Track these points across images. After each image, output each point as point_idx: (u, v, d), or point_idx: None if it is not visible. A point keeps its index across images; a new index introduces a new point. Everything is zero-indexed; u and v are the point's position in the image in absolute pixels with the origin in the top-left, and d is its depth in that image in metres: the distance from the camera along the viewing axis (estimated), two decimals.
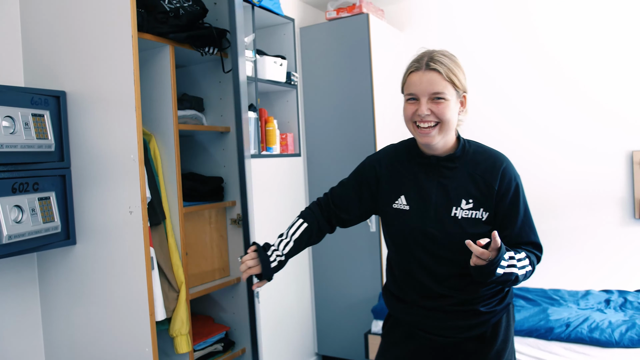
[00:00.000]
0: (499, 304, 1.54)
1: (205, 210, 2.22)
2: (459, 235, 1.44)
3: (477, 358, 1.56)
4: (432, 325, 1.56)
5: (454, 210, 1.46)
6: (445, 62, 1.43)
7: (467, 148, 1.51)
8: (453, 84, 1.42)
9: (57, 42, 1.93)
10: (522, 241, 1.48)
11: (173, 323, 1.94)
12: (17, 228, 1.72)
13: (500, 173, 1.46)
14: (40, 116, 1.84)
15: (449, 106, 1.42)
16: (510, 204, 1.46)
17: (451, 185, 1.47)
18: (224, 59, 2.25)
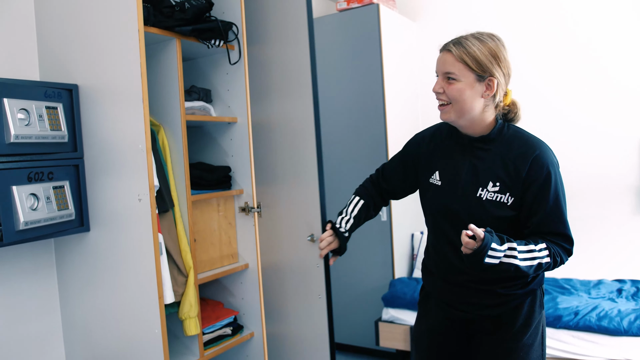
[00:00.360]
0: (520, 288, 1.55)
1: (214, 198, 2.28)
2: (480, 215, 1.49)
3: (493, 339, 1.60)
4: (453, 299, 1.64)
5: (480, 190, 1.50)
6: (466, 44, 1.47)
7: (504, 132, 1.53)
8: (467, 65, 1.46)
9: (69, 37, 2.01)
10: (548, 231, 1.48)
11: (182, 306, 2.02)
12: (33, 215, 1.81)
13: (531, 160, 1.46)
14: (54, 108, 1.92)
15: (460, 87, 1.47)
16: (538, 192, 1.45)
17: (482, 166, 1.51)
18: (231, 51, 2.31)
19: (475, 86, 1.47)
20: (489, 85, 1.48)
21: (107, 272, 2.00)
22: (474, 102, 1.49)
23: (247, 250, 2.40)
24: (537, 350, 1.59)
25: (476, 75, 1.47)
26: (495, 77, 1.47)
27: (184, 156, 2.07)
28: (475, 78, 1.47)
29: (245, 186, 2.37)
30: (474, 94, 1.47)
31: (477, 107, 1.49)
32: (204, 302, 2.41)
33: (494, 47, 1.48)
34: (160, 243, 1.89)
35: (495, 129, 1.53)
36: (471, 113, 1.50)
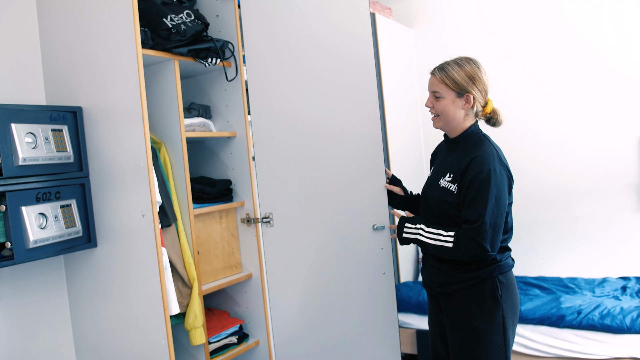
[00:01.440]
0: (463, 272, 1.79)
1: (216, 211, 2.36)
2: (436, 199, 1.84)
3: (453, 317, 1.83)
4: (425, 278, 1.96)
5: (441, 179, 1.84)
6: (447, 69, 1.81)
7: (470, 138, 1.83)
8: (448, 86, 1.80)
9: (72, 62, 2.10)
10: (465, 218, 1.73)
11: (187, 317, 2.09)
12: (42, 233, 1.89)
13: (470, 160, 1.75)
14: (59, 131, 2.01)
15: (444, 103, 1.82)
16: (468, 187, 1.73)
17: (448, 161, 1.87)
18: (228, 68, 2.39)
19: (456, 101, 1.81)
20: (467, 100, 1.80)
21: (114, 286, 2.08)
22: (456, 113, 1.83)
23: (250, 260, 2.47)
24: (494, 339, 1.75)
25: (456, 92, 1.80)
26: (472, 94, 1.80)
27: (185, 172, 2.15)
28: (456, 95, 1.81)
29: (246, 198, 2.44)
30: (455, 107, 1.82)
31: (458, 116, 1.83)
32: (210, 311, 2.48)
33: (470, 70, 1.80)
34: (164, 257, 1.96)
35: (464, 132, 1.84)
36: (454, 122, 1.84)
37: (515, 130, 3.73)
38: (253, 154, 2.39)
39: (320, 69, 2.13)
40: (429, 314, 2.02)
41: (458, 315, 1.81)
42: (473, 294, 1.78)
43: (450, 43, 3.97)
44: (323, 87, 2.12)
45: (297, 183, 2.20)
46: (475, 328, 1.76)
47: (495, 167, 1.73)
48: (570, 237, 3.62)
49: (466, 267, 1.78)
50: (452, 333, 1.84)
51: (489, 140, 1.84)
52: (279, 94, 2.22)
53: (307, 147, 2.18)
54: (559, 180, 3.62)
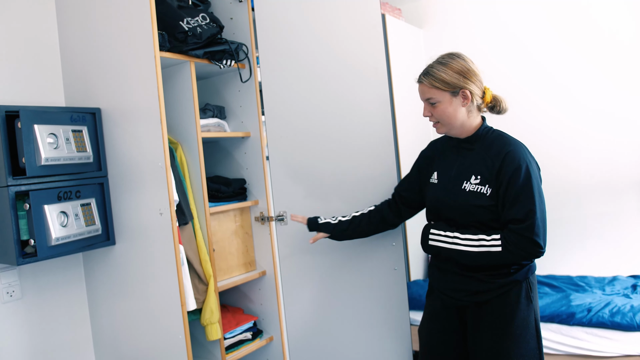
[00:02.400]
0: (500, 277, 1.69)
1: (230, 209, 2.41)
2: (464, 204, 1.71)
3: (484, 326, 1.72)
4: (444, 287, 1.83)
5: (465, 183, 1.72)
6: (432, 72, 1.72)
7: (487, 134, 1.76)
8: (439, 88, 1.71)
9: (91, 65, 2.15)
10: (512, 218, 1.63)
11: (204, 313, 2.14)
12: (63, 231, 1.95)
13: (504, 156, 1.66)
14: (79, 131, 2.07)
15: (442, 108, 1.73)
16: (508, 183, 1.63)
17: (467, 162, 1.75)
18: (242, 69, 2.44)
19: (453, 101, 1.72)
20: (464, 96, 1.71)
21: (132, 283, 2.13)
22: (457, 114, 1.73)
23: (264, 258, 2.52)
24: (529, 342, 1.69)
25: (450, 92, 1.71)
26: (467, 88, 1.70)
27: (201, 171, 2.20)
28: (451, 95, 1.71)
29: (260, 197, 2.49)
30: (455, 107, 1.72)
31: (461, 116, 1.73)
32: (225, 308, 2.53)
33: (456, 65, 1.71)
34: (181, 254, 2.01)
35: (478, 131, 1.76)
36: (458, 122, 1.74)
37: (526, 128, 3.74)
38: (267, 154, 2.43)
39: (332, 70, 2.17)
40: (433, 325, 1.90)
41: (493, 325, 1.70)
42: (508, 299, 1.69)
43: (460, 43, 3.99)
44: (335, 87, 2.16)
45: (310, 182, 2.24)
46: (512, 335, 1.67)
47: (529, 159, 1.67)
48: (580, 236, 3.63)
49: (503, 271, 1.69)
50: (484, 344, 1.72)
51: (508, 134, 1.77)
52: (292, 94, 2.27)
53: (320, 147, 2.22)
54: (569, 178, 3.63)
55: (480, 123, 1.78)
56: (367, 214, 2.02)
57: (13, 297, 2.10)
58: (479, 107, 1.76)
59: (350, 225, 2.02)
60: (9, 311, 2.09)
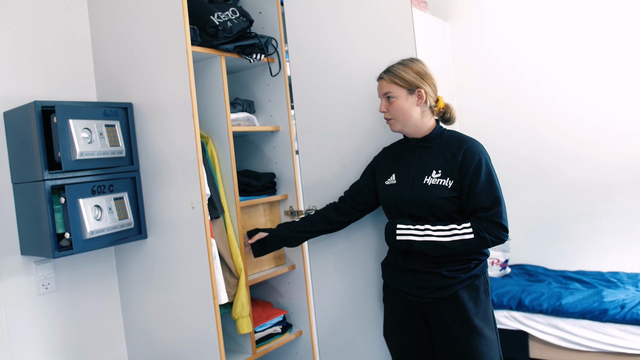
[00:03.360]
0: (463, 272, 1.80)
1: (260, 203, 2.41)
2: (427, 197, 1.80)
3: (448, 322, 1.81)
4: (406, 285, 1.89)
5: (426, 178, 1.82)
6: (393, 70, 1.85)
7: (443, 133, 1.88)
8: (398, 84, 1.83)
9: (123, 60, 2.17)
10: (481, 206, 1.74)
11: (235, 306, 2.15)
12: (97, 225, 1.97)
13: (464, 150, 1.78)
14: (112, 126, 2.09)
15: (398, 103, 1.84)
16: (473, 175, 1.74)
17: (427, 160, 1.85)
18: (271, 63, 2.43)
19: (409, 98, 1.83)
20: (419, 95, 1.83)
21: (164, 276, 2.15)
22: (411, 111, 1.84)
23: (294, 252, 2.52)
24: (490, 335, 1.80)
25: (407, 89, 1.83)
26: (422, 88, 1.83)
27: (231, 165, 2.21)
28: (407, 92, 1.83)
29: (290, 191, 2.49)
30: (410, 105, 1.84)
31: (415, 114, 1.84)
32: (254, 302, 2.54)
33: (415, 67, 1.85)
34: (213, 248, 2.02)
35: (435, 130, 1.87)
36: (412, 120, 1.85)
37: (555, 122, 3.69)
38: (296, 148, 2.43)
39: (361, 65, 2.15)
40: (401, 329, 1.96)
41: (457, 318, 1.79)
42: (470, 293, 1.81)
43: (486, 36, 3.94)
44: (364, 82, 2.14)
45: (340, 176, 2.23)
46: (476, 327, 1.78)
47: (486, 153, 1.81)
48: (611, 231, 3.56)
49: (465, 266, 1.80)
50: (450, 339, 1.81)
51: (458, 132, 1.90)
52: (321, 88, 2.25)
53: (349, 141, 2.21)
54: (600, 172, 3.57)
55: (435, 124, 1.89)
56: (309, 216, 2.13)
57: (49, 289, 2.14)
58: (432, 110, 1.88)
59: (289, 225, 2.14)
60: (45, 303, 2.13)
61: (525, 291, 3.22)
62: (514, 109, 3.87)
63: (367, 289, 2.23)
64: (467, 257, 1.81)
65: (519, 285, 3.37)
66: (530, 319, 3.09)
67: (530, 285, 3.39)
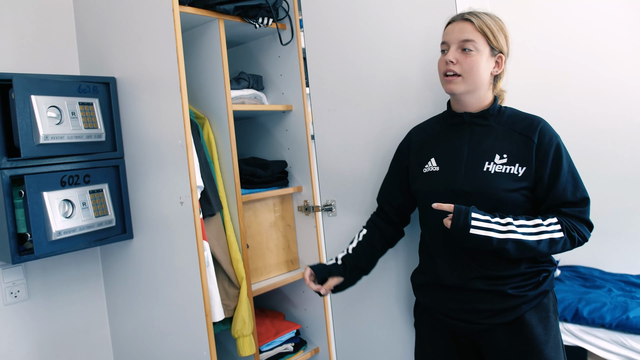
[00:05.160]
0: (532, 289, 1.39)
1: (269, 197, 2.03)
2: (491, 189, 1.37)
3: (509, 352, 1.39)
4: (453, 307, 1.45)
5: (487, 164, 1.39)
6: (482, 17, 1.41)
7: (501, 109, 1.47)
8: (486, 37, 1.40)
9: (106, 27, 1.83)
10: (566, 200, 1.36)
11: (234, 323, 1.78)
12: (67, 223, 1.63)
13: (539, 129, 1.40)
14: (89, 104, 1.74)
15: (477, 59, 1.40)
16: (553, 161, 1.37)
17: (484, 140, 1.43)
18: (282, 30, 2.04)
19: (489, 60, 1.42)
20: (498, 63, 1.44)
21: (152, 283, 1.80)
22: (485, 75, 1.42)
23: (309, 255, 2.13)
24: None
25: (491, 48, 1.42)
26: (505, 55, 1.44)
27: (232, 151, 1.83)
28: (490, 52, 1.42)
29: (305, 183, 2.10)
30: (486, 67, 1.42)
31: (486, 80, 1.43)
32: (263, 313, 2.17)
33: (502, 25, 1.44)
34: (205, 252, 1.65)
35: (494, 105, 1.46)
36: (481, 87, 1.43)
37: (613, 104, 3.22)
38: (312, 132, 2.03)
39: (392, 25, 1.73)
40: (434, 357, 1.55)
41: (524, 349, 1.37)
42: (539, 315, 1.40)
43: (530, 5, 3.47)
44: (395, 46, 1.73)
45: (365, 165, 1.83)
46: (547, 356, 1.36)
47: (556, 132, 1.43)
48: None
49: (534, 280, 1.39)
50: None
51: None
52: (341, 61, 1.84)
53: (376, 124, 1.80)
54: None
55: (493, 99, 1.48)
56: (368, 239, 1.64)
57: (18, 297, 1.82)
58: (495, 86, 1.48)
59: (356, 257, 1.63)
60: (14, 314, 1.82)
61: (582, 300, 2.77)
62: (563, 88, 3.40)
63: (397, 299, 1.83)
64: (535, 269, 1.39)
65: (574, 293, 2.91)
66: (590, 333, 2.64)
67: (588, 292, 2.93)
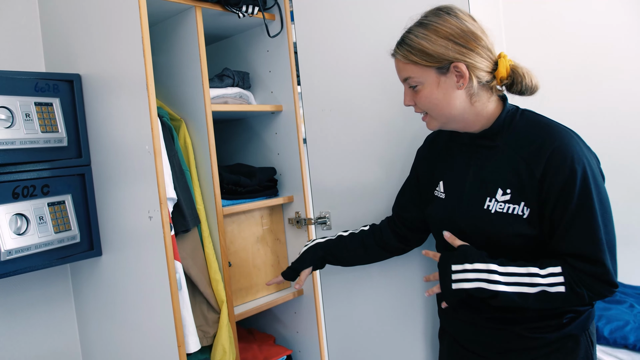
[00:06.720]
0: (552, 331, 1.16)
1: (255, 209, 1.82)
2: (492, 234, 1.15)
3: None
4: (465, 336, 1.29)
5: (488, 201, 1.16)
6: (409, 39, 1.16)
7: (514, 121, 1.17)
8: (418, 64, 1.14)
9: (71, 18, 1.62)
10: (568, 251, 1.08)
11: (214, 352, 1.57)
12: (19, 241, 1.43)
13: (548, 156, 1.09)
14: (48, 105, 1.53)
15: (427, 91, 1.16)
16: (558, 198, 1.07)
17: (488, 169, 1.19)
18: (270, 21, 1.83)
19: (442, 81, 1.15)
20: (458, 73, 1.13)
21: (122, 306, 1.60)
22: (451, 100, 1.15)
23: None
24: None
25: (436, 69, 1.14)
26: (461, 60, 1.12)
27: (210, 157, 1.62)
28: (437, 72, 1.14)
29: (296, 192, 1.89)
30: (445, 92, 1.15)
31: (457, 103, 1.16)
32: (251, 335, 1.96)
33: (444, 27, 1.13)
34: (178, 274, 1.44)
35: (500, 118, 1.17)
36: (455, 112, 1.17)
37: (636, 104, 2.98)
38: (304, 135, 1.81)
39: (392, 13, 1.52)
40: None
41: None
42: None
43: None
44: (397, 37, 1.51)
45: (363, 173, 1.61)
46: None
47: (587, 156, 1.09)
48: None
49: (553, 321, 1.16)
50: None
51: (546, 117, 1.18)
52: (338, 56, 1.63)
53: (376, 127, 1.58)
54: None
55: (500, 106, 1.19)
56: (361, 235, 1.47)
57: None
58: (490, 85, 1.17)
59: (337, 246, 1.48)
60: None
61: (602, 317, 2.52)
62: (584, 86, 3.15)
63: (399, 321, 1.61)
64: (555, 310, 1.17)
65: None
66: (612, 355, 2.40)
67: (608, 308, 2.69)
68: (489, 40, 1.15)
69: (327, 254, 1.48)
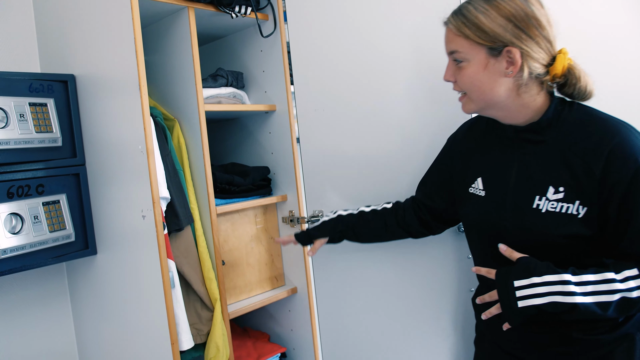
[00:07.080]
0: (607, 332, 1.08)
1: (249, 208, 1.83)
2: (540, 235, 1.06)
3: None
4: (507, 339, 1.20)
5: (537, 200, 1.08)
6: (467, 10, 1.07)
7: (564, 115, 1.09)
8: (470, 39, 1.06)
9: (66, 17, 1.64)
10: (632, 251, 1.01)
11: (207, 350, 1.58)
12: (14, 240, 1.44)
13: (608, 152, 1.00)
14: (42, 105, 1.55)
15: (470, 72, 1.08)
16: (624, 198, 0.99)
17: (536, 165, 1.10)
18: (264, 21, 1.84)
19: (490, 64, 1.06)
20: (510, 59, 1.04)
21: (117, 305, 1.61)
22: (495, 86, 1.07)
23: (295, 270, 1.93)
24: None
25: (487, 48, 1.05)
26: (517, 46, 1.03)
27: (204, 156, 1.63)
28: (487, 53, 1.05)
29: (290, 191, 1.90)
30: (491, 75, 1.06)
31: (502, 91, 1.07)
32: (246, 334, 1.98)
33: (507, 4, 1.03)
34: (171, 273, 1.45)
35: (549, 111, 1.08)
36: (498, 100, 1.08)
37: None
38: (298, 134, 1.83)
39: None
40: None
41: None
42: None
43: None
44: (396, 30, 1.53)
45: (357, 172, 1.63)
46: None
47: None
48: None
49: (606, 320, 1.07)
50: None
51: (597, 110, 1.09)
52: (331, 55, 1.65)
53: (369, 125, 1.60)
54: None
55: (548, 101, 1.10)
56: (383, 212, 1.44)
57: None
58: (542, 80, 1.08)
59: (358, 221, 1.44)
60: None
61: None
62: None
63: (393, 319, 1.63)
64: None
65: None
66: None
67: None
68: (552, 33, 1.06)
69: (348, 228, 1.44)
